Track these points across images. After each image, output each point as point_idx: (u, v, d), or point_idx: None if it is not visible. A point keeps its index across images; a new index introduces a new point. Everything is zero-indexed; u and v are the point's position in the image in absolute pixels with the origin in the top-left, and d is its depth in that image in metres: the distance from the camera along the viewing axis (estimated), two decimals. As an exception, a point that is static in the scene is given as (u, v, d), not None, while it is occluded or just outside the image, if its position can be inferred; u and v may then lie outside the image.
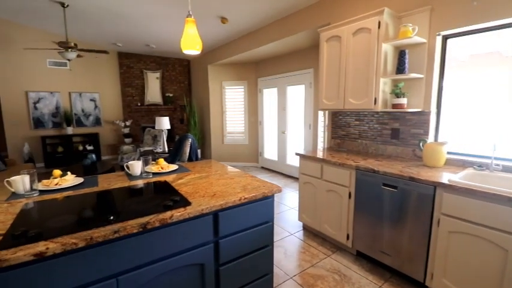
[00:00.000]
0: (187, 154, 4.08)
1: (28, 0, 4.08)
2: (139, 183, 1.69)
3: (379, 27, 2.25)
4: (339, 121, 3.13)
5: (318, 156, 2.61)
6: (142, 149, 5.60)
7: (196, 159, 4.22)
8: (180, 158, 4.04)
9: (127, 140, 6.67)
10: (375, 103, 2.35)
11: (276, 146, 5.57)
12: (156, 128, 5.51)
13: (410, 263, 1.95)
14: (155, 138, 6.00)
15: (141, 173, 1.84)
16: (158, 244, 1.16)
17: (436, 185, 1.75)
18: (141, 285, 1.14)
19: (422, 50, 2.27)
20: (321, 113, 4.25)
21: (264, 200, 1.52)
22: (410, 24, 2.19)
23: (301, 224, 3.07)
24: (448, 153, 2.20)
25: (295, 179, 5.02)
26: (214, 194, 1.45)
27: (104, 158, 6.75)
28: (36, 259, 0.90)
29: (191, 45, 1.83)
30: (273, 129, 5.61)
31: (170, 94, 7.22)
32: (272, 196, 1.56)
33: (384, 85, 2.36)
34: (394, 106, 2.34)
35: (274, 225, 2.18)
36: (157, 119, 5.50)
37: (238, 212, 1.41)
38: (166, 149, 5.49)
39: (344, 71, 2.58)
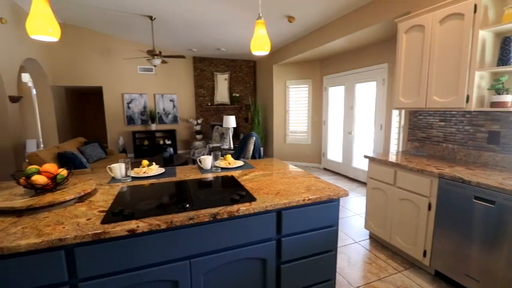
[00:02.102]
0: (251, 152, 4.23)
1: (124, 16, 4.85)
2: (210, 176, 1.83)
3: (475, 12, 1.90)
4: (418, 121, 2.78)
5: (390, 160, 2.37)
6: (211, 145, 6.05)
7: (259, 157, 4.34)
8: (244, 155, 4.22)
9: (198, 137, 7.33)
10: (467, 101, 2.00)
11: (340, 147, 5.28)
12: (223, 126, 5.88)
13: (510, 296, 1.60)
14: (222, 136, 6.41)
15: (211, 167, 1.99)
16: (225, 234, 1.24)
17: (554, 204, 1.39)
18: (209, 270, 1.24)
19: (538, 34, 1.83)
20: (395, 113, 3.85)
21: (329, 202, 1.46)
22: (522, 4, 1.79)
23: (367, 232, 2.85)
24: None
25: (361, 183, 4.68)
26: (278, 192, 1.46)
27: (179, 152, 7.57)
28: (128, 234, 1.07)
29: (261, 46, 1.88)
30: (338, 129, 5.34)
31: (236, 94, 7.62)
32: (338, 200, 1.49)
33: (480, 80, 1.99)
34: (494, 105, 1.94)
35: (338, 230, 2.08)
36: (225, 117, 5.86)
37: (301, 212, 1.39)
38: (232, 146, 5.80)
39: (427, 65, 2.28)
